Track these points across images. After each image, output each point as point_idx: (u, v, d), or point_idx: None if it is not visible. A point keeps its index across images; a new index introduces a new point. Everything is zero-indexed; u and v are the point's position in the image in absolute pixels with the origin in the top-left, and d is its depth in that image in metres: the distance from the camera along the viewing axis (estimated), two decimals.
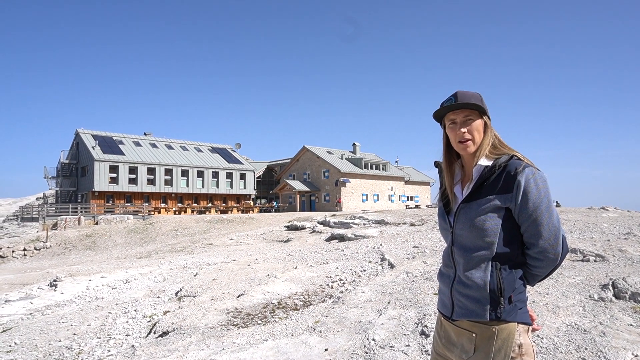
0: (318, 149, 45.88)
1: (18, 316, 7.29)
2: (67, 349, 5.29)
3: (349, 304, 5.33)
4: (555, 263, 1.49)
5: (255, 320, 5.28)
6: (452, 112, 1.56)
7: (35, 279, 11.72)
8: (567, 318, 4.02)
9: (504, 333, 1.43)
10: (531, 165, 1.47)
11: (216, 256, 13.02)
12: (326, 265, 8.70)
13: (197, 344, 4.45)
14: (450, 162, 1.65)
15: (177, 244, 20.14)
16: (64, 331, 6.00)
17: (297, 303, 5.94)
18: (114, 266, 12.90)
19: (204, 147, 45.77)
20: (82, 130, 38.46)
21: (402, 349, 3.69)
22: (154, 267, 11.49)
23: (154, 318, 6.22)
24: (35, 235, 25.43)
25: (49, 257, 21.70)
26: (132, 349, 4.91)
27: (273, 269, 8.82)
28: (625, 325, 3.76)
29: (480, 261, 1.48)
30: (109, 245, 23.47)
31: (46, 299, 8.40)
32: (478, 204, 1.49)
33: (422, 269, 6.93)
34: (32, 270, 15.14)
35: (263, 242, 17.43)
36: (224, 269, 9.40)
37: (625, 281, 4.64)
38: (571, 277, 5.43)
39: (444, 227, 1.65)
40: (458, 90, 1.56)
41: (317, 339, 4.17)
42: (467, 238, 1.51)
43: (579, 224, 11.26)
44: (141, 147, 40.08)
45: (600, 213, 14.70)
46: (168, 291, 7.88)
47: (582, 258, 6.60)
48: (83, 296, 8.45)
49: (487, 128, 1.56)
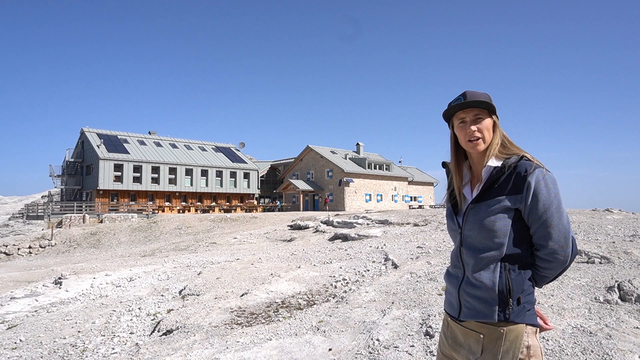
0: (322, 149, 45.88)
1: (23, 313, 7.33)
2: (72, 346, 5.31)
3: (353, 304, 5.32)
4: (564, 265, 1.48)
5: (259, 319, 5.29)
6: (462, 111, 1.56)
7: (41, 277, 11.79)
8: (572, 320, 3.99)
9: (512, 334, 1.43)
10: (541, 167, 1.46)
11: (220, 255, 13.05)
12: (330, 265, 8.69)
13: (201, 343, 4.46)
14: (459, 162, 1.64)
15: (181, 242, 20.19)
16: (69, 329, 6.03)
17: (300, 302, 5.94)
18: (118, 264, 12.95)
19: (208, 146, 45.88)
20: (87, 129, 38.65)
21: (406, 349, 3.68)
22: (157, 266, 11.53)
23: (157, 316, 6.24)
24: (40, 233, 25.57)
25: (54, 254, 21.82)
26: (136, 347, 4.93)
27: (276, 268, 8.82)
28: (632, 328, 3.73)
29: (490, 262, 1.48)
30: (113, 243, 23.56)
31: (51, 297, 8.44)
32: (487, 204, 1.48)
33: (426, 269, 6.91)
34: (37, 267, 15.23)
35: (266, 241, 17.45)
36: (228, 267, 9.41)
37: (631, 283, 4.60)
38: (576, 279, 5.39)
39: (452, 228, 1.64)
40: (467, 90, 1.56)
41: (321, 339, 4.17)
42: (476, 239, 1.51)
43: (584, 226, 11.20)
44: (146, 146, 40.22)
45: (605, 215, 14.61)
46: (172, 289, 7.90)
47: (587, 260, 6.56)
48: (87, 294, 8.48)
49: (496, 127, 1.56)
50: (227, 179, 43.04)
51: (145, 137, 42.08)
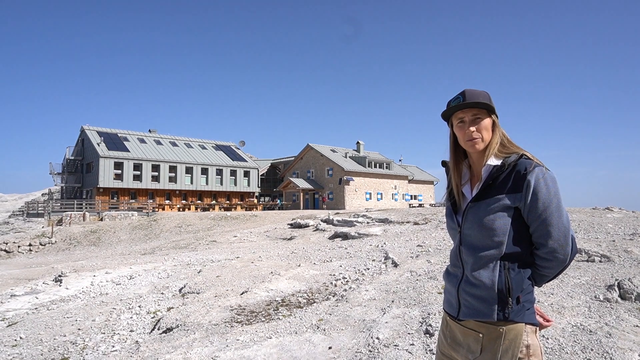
0: (322, 147, 45.88)
1: (23, 311, 7.34)
2: (72, 343, 5.32)
3: (353, 302, 5.33)
4: (564, 264, 1.48)
5: (258, 317, 5.29)
6: (461, 111, 1.55)
7: (41, 274, 11.80)
8: (572, 319, 3.99)
9: (511, 333, 1.42)
10: (541, 165, 1.46)
11: (220, 253, 13.06)
12: (330, 264, 8.70)
13: (201, 341, 4.47)
14: (458, 161, 1.63)
15: (181, 240, 20.21)
16: (69, 326, 6.04)
17: (300, 301, 5.94)
18: (118, 262, 12.96)
19: (208, 145, 45.87)
20: (88, 127, 38.64)
21: (406, 347, 3.68)
22: (158, 264, 11.54)
23: (158, 314, 6.24)
24: (40, 230, 25.59)
25: (54, 252, 21.84)
26: (136, 344, 4.94)
27: (276, 266, 8.83)
28: (632, 327, 3.73)
29: (489, 261, 1.47)
30: (113, 241, 23.58)
31: (51, 294, 8.45)
32: (487, 203, 1.48)
33: (426, 267, 6.92)
34: (38, 265, 15.24)
35: (266, 239, 17.45)
36: (228, 266, 9.42)
37: (631, 282, 4.60)
38: (576, 278, 5.39)
39: (452, 227, 1.64)
40: (466, 89, 1.55)
41: (321, 337, 4.17)
42: (475, 237, 1.50)
43: (584, 224, 11.19)
44: (146, 144, 40.22)
45: (605, 213, 14.60)
46: (172, 287, 7.91)
47: (587, 258, 6.56)
48: (87, 292, 8.49)
49: (496, 127, 1.55)
50: (227, 177, 43.04)
51: (145, 135, 42.07)
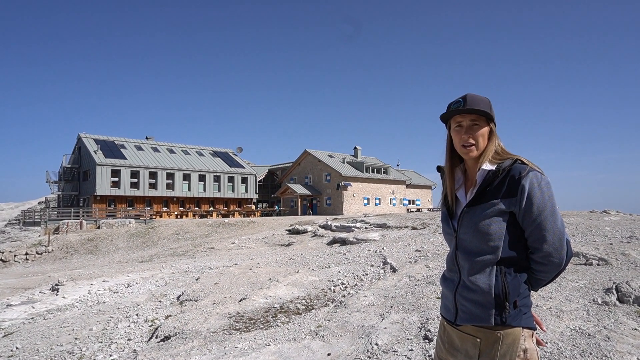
0: (319, 153, 45.93)
1: (20, 320, 7.29)
2: (69, 353, 5.28)
3: (352, 308, 5.31)
4: (559, 268, 1.48)
5: (257, 324, 5.27)
6: (460, 115, 1.56)
7: (37, 283, 11.72)
8: (571, 322, 4.00)
9: (509, 338, 1.43)
10: (535, 169, 1.46)
11: (218, 260, 13.01)
12: (328, 269, 8.68)
13: (199, 349, 4.44)
14: (453, 165, 1.64)
15: (179, 248, 20.13)
16: (66, 335, 5.99)
17: (299, 307, 5.92)
18: (116, 270, 12.90)
19: (206, 151, 45.84)
20: (84, 135, 38.57)
21: (405, 353, 3.67)
22: (155, 271, 11.48)
23: (155, 322, 6.21)
24: (37, 239, 25.44)
25: (50, 261, 21.71)
26: (134, 353, 4.91)
27: (275, 273, 8.80)
28: (630, 330, 3.73)
29: (485, 265, 1.48)
30: (110, 249, 23.47)
31: (48, 303, 8.39)
32: (482, 208, 1.48)
33: (424, 272, 6.91)
34: (34, 274, 15.14)
35: (265, 246, 17.41)
36: (226, 273, 9.38)
37: (629, 285, 4.61)
38: (574, 281, 5.40)
39: (447, 232, 1.64)
40: (468, 94, 1.55)
41: (319, 344, 4.16)
42: (471, 242, 1.51)
43: (581, 228, 11.22)
44: (143, 152, 40.15)
45: (602, 216, 14.65)
46: (170, 295, 7.87)
47: (585, 262, 6.57)
48: (85, 300, 8.44)
49: (493, 135, 1.56)
50: (224, 183, 42.97)
51: (142, 142, 42.00)
